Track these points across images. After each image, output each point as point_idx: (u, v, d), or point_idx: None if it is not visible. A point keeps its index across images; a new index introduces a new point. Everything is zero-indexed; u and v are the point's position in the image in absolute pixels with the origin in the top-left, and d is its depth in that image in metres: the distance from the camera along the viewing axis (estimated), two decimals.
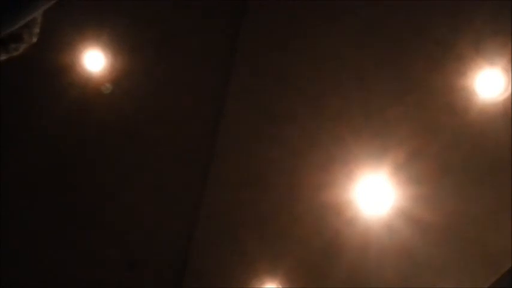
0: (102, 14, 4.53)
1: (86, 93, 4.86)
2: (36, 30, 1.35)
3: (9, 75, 4.54)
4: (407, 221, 4.82)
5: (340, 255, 5.18)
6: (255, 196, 5.16)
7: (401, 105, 4.43)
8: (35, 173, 5.36)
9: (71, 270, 5.87)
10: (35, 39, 1.37)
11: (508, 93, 4.12)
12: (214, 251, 5.61)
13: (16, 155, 5.21)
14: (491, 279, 4.76)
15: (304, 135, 4.76)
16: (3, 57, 1.35)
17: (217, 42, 4.67)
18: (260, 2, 4.41)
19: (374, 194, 4.81)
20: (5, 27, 1.22)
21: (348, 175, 4.79)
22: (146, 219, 5.60)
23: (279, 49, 4.51)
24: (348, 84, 4.47)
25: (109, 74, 4.77)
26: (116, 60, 4.72)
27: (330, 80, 4.49)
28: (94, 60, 4.71)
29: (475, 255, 4.78)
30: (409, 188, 4.71)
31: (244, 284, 5.66)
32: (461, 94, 4.21)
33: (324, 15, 4.31)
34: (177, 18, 4.58)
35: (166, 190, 5.44)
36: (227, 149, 5.04)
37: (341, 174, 4.81)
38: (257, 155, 4.97)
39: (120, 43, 4.67)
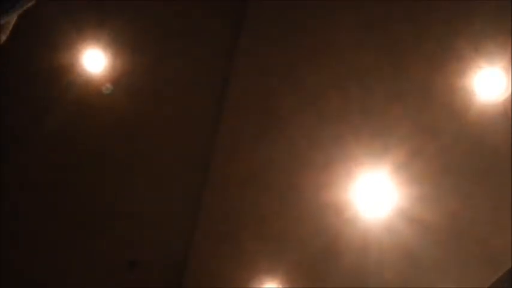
0: (102, 14, 4.53)
1: (86, 93, 4.86)
2: (6, 34, 1.37)
3: (9, 75, 4.54)
4: (407, 221, 4.82)
5: (340, 255, 5.18)
6: (255, 196, 5.16)
7: (401, 105, 4.43)
8: (35, 173, 5.36)
9: (71, 270, 5.88)
10: (3, 38, 1.39)
11: (508, 94, 4.12)
12: (214, 251, 5.61)
13: (16, 156, 5.21)
14: (491, 279, 4.76)
15: (304, 135, 4.76)
16: None
17: (217, 43, 4.67)
18: (260, 2, 4.41)
19: (374, 194, 4.82)
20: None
21: (348, 175, 4.79)
22: (146, 219, 5.60)
23: (279, 49, 4.51)
24: (348, 84, 4.47)
25: (109, 74, 4.77)
26: (116, 60, 4.72)
27: (330, 79, 4.49)
28: (94, 60, 4.71)
29: (475, 255, 4.78)
30: (409, 188, 4.71)
31: (244, 284, 5.66)
32: (461, 94, 4.21)
33: (324, 15, 4.31)
34: (177, 18, 4.58)
35: (166, 190, 5.44)
36: (227, 149, 5.04)
37: (341, 174, 4.81)
38: (257, 155, 4.97)
39: (120, 43, 4.67)
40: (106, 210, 5.57)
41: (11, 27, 1.38)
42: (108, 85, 4.82)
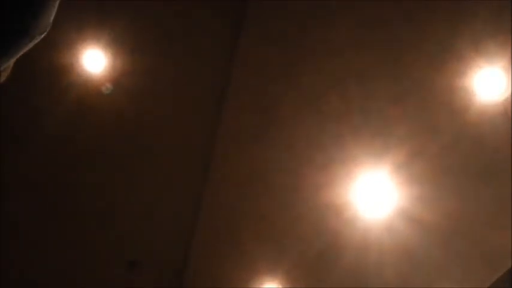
0: (102, 14, 4.53)
1: (86, 93, 4.86)
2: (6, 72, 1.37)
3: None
4: (407, 221, 4.82)
5: (340, 255, 5.18)
6: (254, 196, 5.16)
7: (401, 105, 4.43)
8: (35, 173, 5.36)
9: (71, 270, 5.87)
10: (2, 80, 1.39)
11: (508, 94, 4.12)
12: (214, 251, 5.61)
13: (16, 155, 5.21)
14: (491, 279, 4.76)
15: (304, 136, 4.76)
16: None
17: (217, 42, 4.67)
18: (260, 2, 4.41)
19: (374, 194, 4.81)
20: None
21: (347, 175, 4.79)
22: (146, 219, 5.60)
23: (279, 49, 4.52)
24: (348, 84, 4.47)
25: (109, 74, 4.77)
26: (116, 60, 4.72)
27: (330, 79, 4.49)
28: (94, 60, 4.71)
29: (475, 255, 4.78)
30: (409, 188, 4.71)
31: (244, 284, 5.66)
32: (461, 94, 4.21)
33: (324, 15, 4.31)
34: (177, 18, 4.58)
35: (167, 190, 5.44)
36: (227, 149, 5.04)
37: (341, 174, 4.81)
38: (257, 155, 4.97)
39: (120, 43, 4.67)
40: (106, 210, 5.57)
41: (11, 68, 1.38)
42: (108, 85, 4.82)
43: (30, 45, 1.26)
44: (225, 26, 4.58)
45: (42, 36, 1.28)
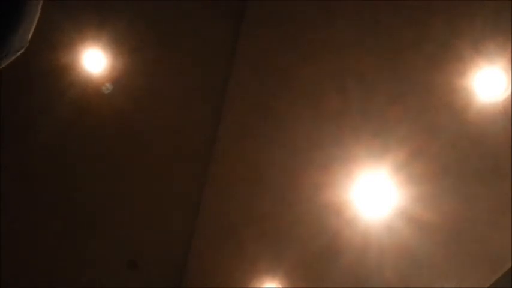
0: (102, 14, 4.53)
1: (86, 93, 4.86)
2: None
3: (9, 75, 4.54)
4: (407, 221, 4.82)
5: (340, 255, 5.18)
6: (254, 196, 5.16)
7: (401, 105, 4.43)
8: (35, 172, 5.36)
9: (71, 270, 5.88)
10: None
11: (508, 93, 4.12)
12: (214, 251, 5.61)
13: (16, 155, 5.21)
14: (491, 279, 4.76)
15: (304, 135, 4.76)
16: None
17: (217, 43, 4.67)
18: (260, 2, 4.41)
19: (374, 194, 4.81)
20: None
21: (347, 175, 4.79)
22: (146, 219, 5.60)
23: (279, 49, 4.51)
24: (348, 84, 4.47)
25: (109, 74, 4.77)
26: (116, 60, 4.72)
27: (330, 79, 4.49)
28: (94, 60, 4.71)
29: (475, 255, 4.78)
30: (409, 188, 4.71)
31: (244, 284, 5.66)
32: (461, 94, 4.21)
33: (324, 15, 4.31)
34: (177, 19, 4.58)
35: (166, 190, 5.44)
36: (227, 149, 5.04)
37: (341, 174, 4.81)
38: (257, 155, 4.97)
39: (120, 43, 4.67)
40: (106, 210, 5.57)
41: None
42: (108, 85, 4.82)
43: (4, 62, 1.23)
44: (225, 26, 4.58)
45: (18, 54, 1.26)
